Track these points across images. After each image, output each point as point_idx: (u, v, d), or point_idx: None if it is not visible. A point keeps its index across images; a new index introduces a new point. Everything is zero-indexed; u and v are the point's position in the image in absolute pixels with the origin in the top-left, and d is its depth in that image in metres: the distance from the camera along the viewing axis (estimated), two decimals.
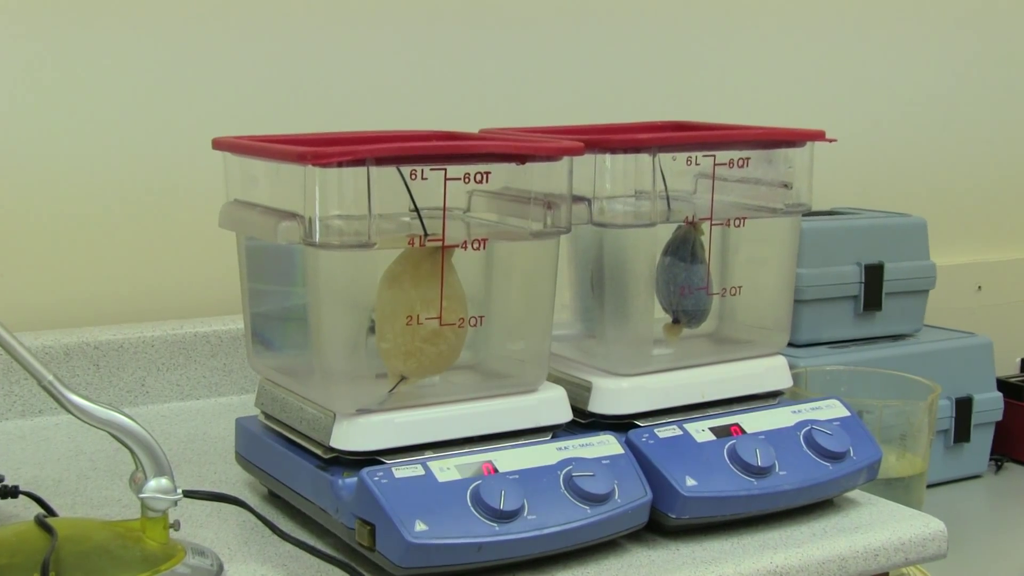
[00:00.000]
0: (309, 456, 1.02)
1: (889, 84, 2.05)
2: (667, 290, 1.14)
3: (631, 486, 0.99)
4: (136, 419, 0.91)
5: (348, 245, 0.95)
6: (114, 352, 1.42)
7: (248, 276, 1.10)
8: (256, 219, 1.01)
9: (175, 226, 1.52)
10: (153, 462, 0.91)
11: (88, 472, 1.22)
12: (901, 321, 1.73)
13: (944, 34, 2.09)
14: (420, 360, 1.00)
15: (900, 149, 2.08)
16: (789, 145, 1.16)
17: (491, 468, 0.96)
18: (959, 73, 2.12)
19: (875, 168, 2.05)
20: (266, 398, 1.10)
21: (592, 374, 1.10)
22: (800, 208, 1.17)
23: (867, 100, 2.03)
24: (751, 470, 1.04)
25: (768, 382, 1.16)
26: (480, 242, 1.00)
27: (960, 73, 2.12)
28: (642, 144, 1.07)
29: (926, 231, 1.76)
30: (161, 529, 0.92)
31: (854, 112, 2.02)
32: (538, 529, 0.93)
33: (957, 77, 2.12)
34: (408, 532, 0.89)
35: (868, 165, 2.04)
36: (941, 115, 2.11)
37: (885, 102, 2.05)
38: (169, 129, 1.50)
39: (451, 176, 0.97)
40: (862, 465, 1.10)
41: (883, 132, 2.06)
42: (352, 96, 1.60)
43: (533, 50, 1.73)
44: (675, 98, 1.84)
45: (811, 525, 1.07)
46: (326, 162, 0.92)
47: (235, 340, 1.48)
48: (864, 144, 2.03)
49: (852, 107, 2.02)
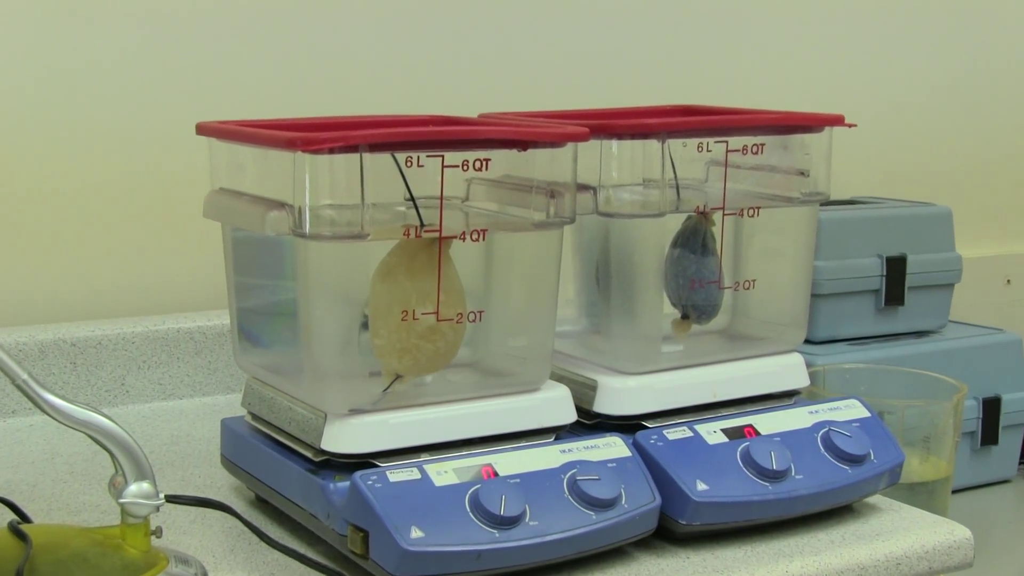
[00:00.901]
0: (299, 459, 1.02)
1: (912, 65, 2.05)
2: (676, 284, 1.15)
3: (639, 490, 0.99)
4: (116, 420, 0.91)
5: (340, 236, 0.95)
6: (92, 349, 1.42)
7: (234, 269, 1.10)
8: (243, 209, 1.01)
9: (157, 216, 1.52)
10: (134, 465, 0.91)
11: (65, 476, 1.22)
12: (925, 317, 1.74)
13: (971, 12, 2.09)
14: (416, 357, 1.00)
15: (924, 134, 2.08)
16: (806, 130, 1.16)
17: (491, 471, 0.96)
18: (986, 54, 2.12)
19: (897, 155, 2.05)
20: (253, 398, 1.10)
21: (597, 372, 1.10)
22: (818, 197, 1.17)
23: (889, 82, 2.03)
24: (766, 474, 1.04)
25: (784, 381, 1.16)
26: (479, 233, 1.00)
27: (987, 54, 2.12)
28: (650, 129, 1.08)
29: (951, 221, 1.76)
30: (142, 536, 0.92)
31: (875, 95, 2.02)
32: (540, 536, 0.93)
33: (984, 58, 2.12)
34: (403, 539, 0.89)
35: (890, 151, 2.04)
36: (968, 98, 2.11)
37: (908, 84, 2.05)
38: (150, 113, 1.50)
39: (449, 163, 0.97)
40: (883, 469, 1.10)
41: (906, 116, 2.06)
42: (344, 78, 1.60)
43: (535, 29, 1.73)
44: (685, 80, 1.84)
45: (829, 532, 1.08)
46: (317, 148, 0.92)
47: (220, 337, 1.48)
48: (886, 129, 2.03)
49: (873, 90, 2.02)
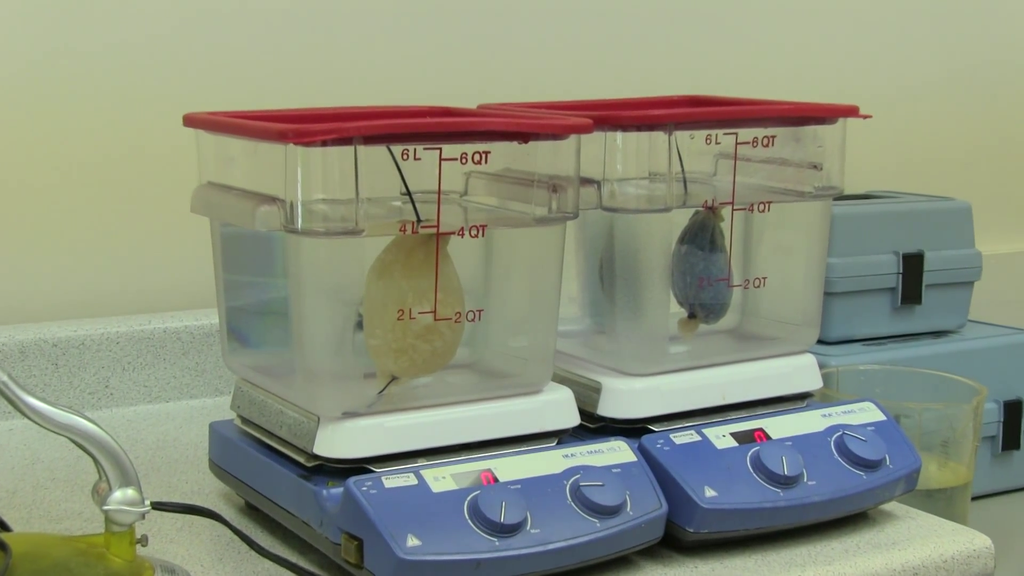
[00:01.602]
0: (290, 464, 1.02)
1: (930, 51, 2.05)
2: (684, 282, 1.15)
3: (644, 497, 1.00)
4: (99, 424, 0.91)
5: (333, 232, 0.95)
6: (75, 350, 1.42)
7: (223, 266, 1.11)
8: (232, 203, 1.01)
9: (142, 211, 1.52)
10: (118, 471, 0.91)
11: (46, 482, 1.22)
12: (943, 316, 1.74)
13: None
14: (412, 358, 1.01)
15: (942, 125, 2.08)
16: (819, 122, 1.16)
17: (490, 477, 0.96)
18: (1008, 39, 2.12)
19: (914, 147, 2.05)
20: (243, 400, 1.10)
21: (602, 374, 1.10)
22: (831, 191, 1.17)
23: (905, 70, 2.03)
24: (777, 480, 1.05)
25: (795, 383, 1.16)
26: (478, 229, 1.01)
27: (1009, 39, 2.12)
28: (657, 121, 1.08)
29: (971, 216, 1.76)
30: (127, 545, 0.92)
31: (891, 84, 2.02)
32: (542, 544, 0.93)
33: (1006, 44, 2.12)
34: (399, 547, 0.89)
35: (907, 143, 2.04)
36: (987, 88, 2.11)
37: (926, 72, 2.05)
38: (136, 103, 1.50)
39: (447, 156, 0.97)
40: (900, 475, 1.10)
41: (924, 106, 2.06)
42: (337, 67, 1.60)
43: (537, 17, 1.73)
44: (693, 70, 1.84)
45: (843, 540, 1.08)
46: (309, 140, 0.92)
47: (209, 337, 1.48)
48: (902, 120, 2.03)
49: (889, 78, 2.02)
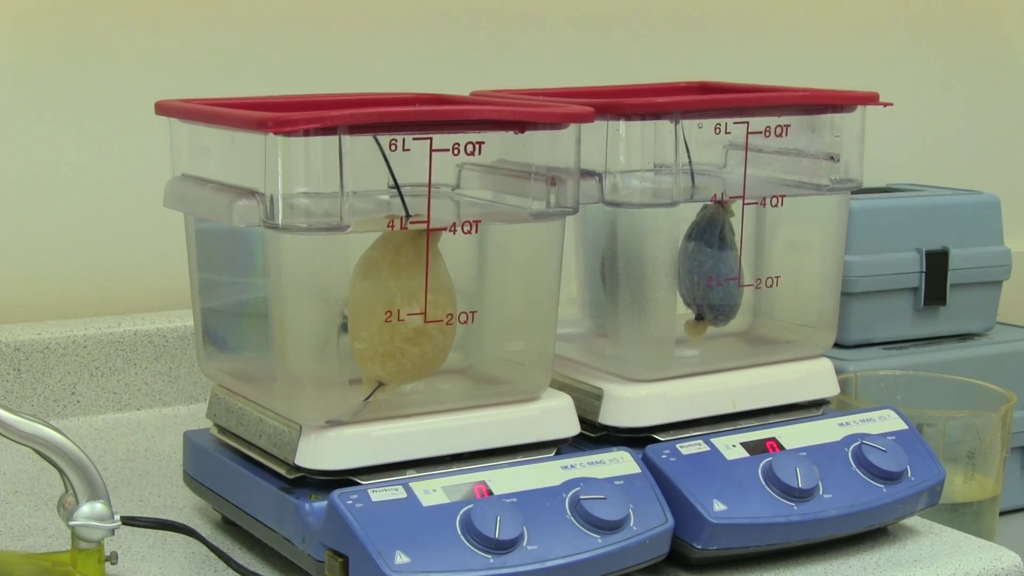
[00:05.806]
0: (270, 476, 1.02)
1: (954, 37, 2.05)
2: (691, 281, 1.15)
3: (649, 511, 1.00)
4: (66, 433, 0.91)
5: (316, 228, 0.95)
6: (39, 354, 1.42)
7: (199, 265, 1.11)
8: (208, 197, 1.02)
9: (111, 206, 1.52)
10: (86, 484, 0.91)
11: (7, 496, 1.22)
12: (969, 318, 1.74)
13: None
14: (401, 363, 1.01)
15: (968, 114, 2.08)
16: (836, 110, 1.16)
17: (484, 490, 0.97)
18: None
19: (938, 137, 2.05)
20: (219, 408, 1.10)
21: (603, 380, 1.11)
22: (849, 184, 1.17)
23: (928, 55, 2.03)
24: (790, 493, 1.05)
25: (811, 389, 1.16)
26: (471, 224, 1.01)
27: None
28: (662, 108, 1.08)
29: (999, 211, 1.76)
30: (95, 563, 0.92)
31: (913, 70, 2.02)
32: (540, 561, 0.94)
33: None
34: (387, 565, 0.90)
35: (930, 133, 2.04)
36: (1016, 73, 2.11)
37: (949, 58, 2.05)
38: (104, 90, 1.50)
39: (437, 147, 0.98)
40: (922, 487, 1.10)
41: (947, 94, 2.06)
42: (321, 52, 1.60)
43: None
44: (701, 55, 1.84)
45: (861, 558, 1.08)
46: (290, 130, 0.92)
47: (183, 340, 1.48)
48: (925, 108, 2.03)
49: (910, 64, 2.02)
